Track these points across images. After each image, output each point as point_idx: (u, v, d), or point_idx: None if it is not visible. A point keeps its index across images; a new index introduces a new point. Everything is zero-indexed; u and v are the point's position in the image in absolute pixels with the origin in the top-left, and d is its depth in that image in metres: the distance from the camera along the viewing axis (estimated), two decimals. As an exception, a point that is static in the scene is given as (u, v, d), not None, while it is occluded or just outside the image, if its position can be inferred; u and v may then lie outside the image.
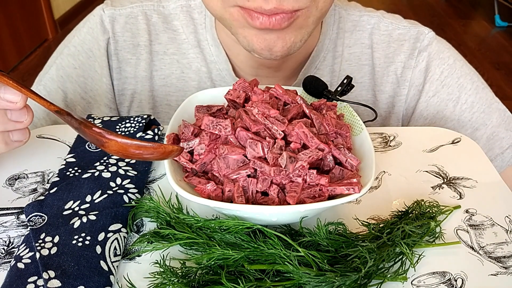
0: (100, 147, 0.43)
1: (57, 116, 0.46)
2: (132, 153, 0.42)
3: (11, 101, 0.47)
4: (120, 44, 0.76)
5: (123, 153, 0.43)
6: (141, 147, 0.42)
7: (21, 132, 0.50)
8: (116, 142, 0.42)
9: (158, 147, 0.42)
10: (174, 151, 0.43)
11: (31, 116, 0.49)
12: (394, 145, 0.64)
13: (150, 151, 0.42)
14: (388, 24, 0.78)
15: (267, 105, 0.49)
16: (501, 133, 0.74)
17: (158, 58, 0.77)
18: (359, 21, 0.78)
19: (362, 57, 0.78)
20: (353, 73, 0.77)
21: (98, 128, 0.42)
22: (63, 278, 0.42)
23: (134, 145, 0.42)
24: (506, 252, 0.48)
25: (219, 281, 0.41)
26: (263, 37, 0.60)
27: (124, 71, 0.77)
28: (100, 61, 0.76)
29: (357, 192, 0.45)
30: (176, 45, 0.77)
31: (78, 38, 0.76)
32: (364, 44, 0.78)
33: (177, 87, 0.77)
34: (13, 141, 0.50)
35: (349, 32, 0.78)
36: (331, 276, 0.41)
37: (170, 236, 0.46)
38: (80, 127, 0.44)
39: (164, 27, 0.77)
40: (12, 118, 0.48)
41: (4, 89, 0.46)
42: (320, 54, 0.76)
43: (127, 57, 0.76)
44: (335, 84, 0.77)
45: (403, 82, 0.78)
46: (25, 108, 0.49)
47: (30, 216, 0.49)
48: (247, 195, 0.46)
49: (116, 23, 0.76)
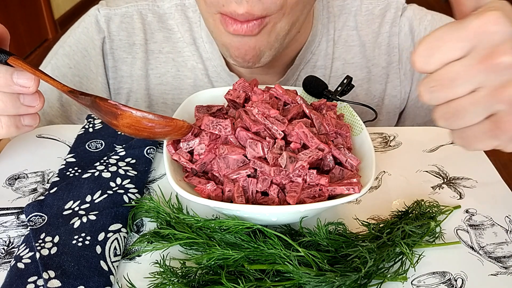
0: (113, 120, 0.44)
1: (70, 96, 0.48)
2: (144, 126, 0.44)
3: (24, 85, 0.48)
4: (115, 43, 0.76)
5: (135, 126, 0.44)
6: (154, 120, 0.44)
7: (32, 117, 0.51)
8: (131, 114, 0.43)
9: (170, 121, 0.45)
10: (185, 127, 0.46)
11: (42, 101, 0.50)
12: (394, 145, 0.64)
13: (162, 125, 0.44)
14: (368, 4, 0.81)
15: (267, 105, 0.49)
16: None
17: (154, 57, 0.77)
18: (344, 5, 0.81)
19: (348, 39, 0.80)
20: (342, 55, 0.80)
21: (113, 101, 0.44)
22: (63, 278, 0.42)
23: (147, 118, 0.43)
24: (506, 252, 0.48)
25: (219, 281, 0.41)
26: (237, 46, 0.62)
27: (120, 70, 0.77)
28: (95, 60, 0.76)
29: (357, 192, 0.45)
30: (171, 43, 0.77)
31: (73, 38, 0.77)
32: (349, 26, 0.81)
33: (172, 85, 0.78)
34: (24, 125, 0.51)
35: (337, 16, 0.80)
36: (331, 276, 0.41)
37: (170, 236, 0.46)
38: (95, 101, 0.45)
39: (159, 26, 0.77)
40: (25, 103, 0.49)
41: (17, 74, 0.47)
42: (315, 39, 0.77)
43: (122, 56, 0.77)
44: (329, 67, 0.79)
45: (392, 49, 0.80)
46: (37, 93, 0.50)
47: (30, 216, 0.49)
48: (247, 195, 0.46)
49: (112, 22, 0.76)
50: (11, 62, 0.47)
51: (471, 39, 0.39)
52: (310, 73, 0.78)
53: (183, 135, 0.47)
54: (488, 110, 0.40)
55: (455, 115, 0.41)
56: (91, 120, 0.64)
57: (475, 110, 0.40)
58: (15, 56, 0.47)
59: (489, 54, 0.38)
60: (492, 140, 0.42)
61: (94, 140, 0.61)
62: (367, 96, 0.82)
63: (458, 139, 0.44)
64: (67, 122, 0.76)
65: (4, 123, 0.49)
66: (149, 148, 0.59)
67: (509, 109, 0.39)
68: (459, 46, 0.39)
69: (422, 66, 0.41)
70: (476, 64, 0.39)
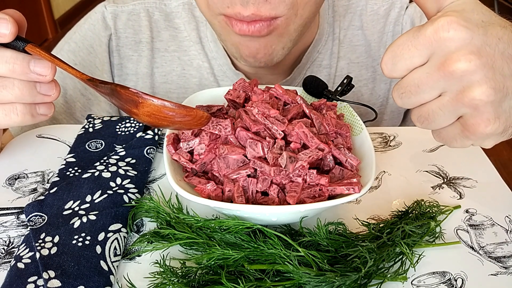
0: (133, 109, 0.44)
1: (89, 85, 0.48)
2: (165, 115, 0.44)
3: (40, 74, 0.48)
4: (122, 40, 0.76)
5: (156, 115, 0.44)
6: (174, 110, 0.43)
7: (47, 106, 0.51)
8: (152, 102, 0.43)
9: (190, 111, 0.44)
10: (204, 117, 0.45)
11: (58, 90, 0.51)
12: (394, 145, 0.64)
13: (182, 114, 0.44)
14: (373, 4, 0.82)
15: (267, 105, 0.49)
16: None
17: (159, 55, 0.77)
18: (349, 5, 0.81)
19: (353, 38, 0.81)
20: (347, 55, 0.80)
21: (134, 89, 0.44)
22: (63, 278, 0.42)
23: (168, 107, 0.43)
24: (506, 252, 0.48)
25: (219, 281, 0.41)
26: (246, 45, 0.62)
27: (126, 68, 0.77)
28: (101, 57, 0.76)
29: (357, 192, 0.45)
30: (177, 42, 0.77)
31: (79, 35, 0.77)
32: (354, 26, 0.81)
33: (178, 84, 0.78)
34: (39, 114, 0.51)
35: (342, 16, 0.81)
36: (331, 276, 0.41)
37: (170, 236, 0.46)
38: (116, 89, 0.45)
39: (166, 25, 0.78)
40: (41, 91, 0.49)
41: (34, 62, 0.47)
42: (322, 38, 0.78)
43: (128, 53, 0.77)
44: (334, 66, 0.79)
45: None
46: (53, 82, 0.50)
47: (30, 216, 0.49)
48: (247, 195, 0.46)
49: (119, 19, 0.76)
50: (28, 49, 0.47)
51: (428, 46, 0.39)
52: (316, 72, 0.78)
53: (202, 125, 0.46)
54: (455, 113, 0.42)
55: (427, 118, 0.43)
56: (91, 120, 0.64)
57: (443, 114, 0.42)
58: (32, 44, 0.47)
59: (444, 62, 0.39)
60: (465, 140, 0.44)
61: (94, 140, 0.61)
62: (372, 95, 0.82)
63: (438, 138, 0.46)
64: (71, 119, 0.77)
65: (19, 111, 0.49)
66: (149, 148, 0.59)
67: (473, 112, 0.41)
68: (418, 54, 0.40)
69: (390, 73, 0.42)
70: (436, 71, 0.40)
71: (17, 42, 0.47)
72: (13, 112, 0.49)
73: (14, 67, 0.47)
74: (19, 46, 0.47)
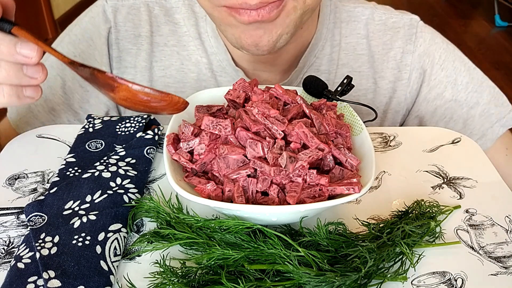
0: (110, 93, 0.45)
1: (70, 67, 0.49)
2: (140, 100, 0.45)
3: (27, 56, 0.48)
4: (121, 33, 0.77)
5: (131, 99, 0.45)
6: (149, 94, 0.44)
7: (34, 89, 0.52)
8: (127, 87, 0.44)
9: (166, 96, 0.45)
10: (180, 103, 0.46)
11: (45, 74, 0.51)
12: (394, 145, 0.64)
13: (157, 99, 0.45)
14: (381, 14, 0.81)
15: (267, 105, 0.49)
16: (491, 109, 0.79)
17: (159, 49, 0.78)
18: (354, 12, 0.80)
19: (357, 47, 0.80)
20: (350, 62, 0.79)
21: (110, 73, 0.45)
22: (63, 278, 0.42)
23: (143, 92, 0.44)
24: (506, 252, 0.48)
25: (219, 281, 0.41)
26: (250, 33, 0.61)
27: (124, 61, 0.78)
28: (100, 50, 0.77)
29: (357, 192, 0.45)
30: (176, 37, 0.78)
31: (79, 27, 0.78)
32: (359, 35, 0.80)
33: (176, 78, 0.78)
34: (26, 96, 0.52)
35: (345, 23, 0.80)
36: (331, 276, 0.41)
37: (170, 236, 0.46)
38: (94, 73, 0.46)
39: (166, 20, 0.78)
40: (28, 74, 0.50)
41: (21, 44, 0.48)
42: (318, 43, 0.77)
43: (127, 47, 0.77)
44: (333, 72, 0.79)
45: (404, 66, 0.80)
46: (40, 66, 0.50)
47: (30, 216, 0.49)
48: (247, 195, 0.46)
49: (119, 13, 0.77)
50: (15, 32, 0.48)
51: None
52: None
53: (178, 110, 0.47)
54: None
55: None
56: (91, 120, 0.64)
57: None
58: (19, 26, 0.48)
59: None
60: None
61: (94, 140, 0.61)
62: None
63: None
64: (69, 110, 0.77)
65: (6, 92, 0.50)
66: (149, 148, 0.59)
67: None
68: None
69: None
70: None
71: (3, 24, 0.48)
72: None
73: (1, 48, 0.47)
74: (5, 28, 0.48)
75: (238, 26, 0.61)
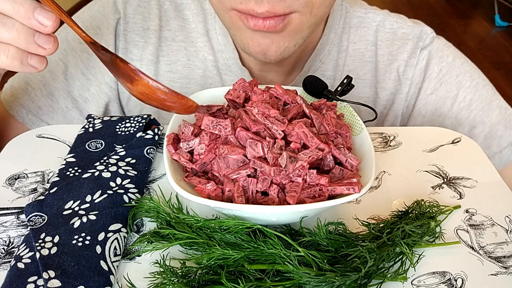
0: (128, 83, 0.46)
1: (90, 48, 0.49)
2: (157, 97, 0.45)
3: (42, 23, 0.48)
4: (130, 25, 0.77)
5: (148, 95, 0.45)
6: (167, 94, 0.45)
7: (39, 59, 0.51)
8: (147, 83, 0.45)
9: (182, 98, 0.46)
10: (194, 107, 0.47)
11: (55, 46, 0.50)
12: (394, 145, 0.64)
13: (173, 99, 0.46)
14: (393, 22, 0.79)
15: (267, 105, 0.49)
16: (500, 131, 0.75)
17: (166, 44, 0.78)
18: (365, 17, 0.79)
19: (366, 53, 0.79)
20: (356, 69, 0.78)
21: (133, 66, 0.45)
22: (63, 278, 0.42)
23: (162, 90, 0.45)
24: (506, 252, 0.48)
25: (219, 281, 0.41)
26: (258, 41, 0.62)
27: (131, 53, 0.78)
28: (107, 39, 0.77)
29: (357, 192, 0.45)
30: (185, 33, 0.78)
31: (87, 15, 0.77)
32: (368, 41, 0.79)
33: (182, 74, 0.78)
34: (29, 64, 0.50)
35: (355, 28, 0.79)
36: (331, 276, 0.41)
37: (170, 236, 0.46)
38: (116, 60, 0.46)
39: (175, 15, 0.78)
40: (38, 41, 0.49)
41: (40, 10, 0.47)
42: (325, 48, 0.77)
43: (135, 39, 0.77)
44: (339, 78, 0.78)
45: (405, 80, 0.79)
46: (52, 38, 0.50)
47: (30, 216, 0.49)
48: (247, 195, 0.46)
49: (129, 5, 0.77)
50: None
51: None
52: None
53: (189, 112, 0.48)
54: None
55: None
56: (91, 120, 0.64)
57: None
58: None
59: None
60: None
61: (94, 140, 0.61)
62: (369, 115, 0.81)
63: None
64: (68, 97, 0.77)
65: (10, 54, 0.49)
66: (149, 148, 0.59)
67: None
68: None
69: None
70: None
71: None
72: (4, 53, 0.49)
73: (20, 8, 0.47)
74: None
75: (246, 31, 0.61)
